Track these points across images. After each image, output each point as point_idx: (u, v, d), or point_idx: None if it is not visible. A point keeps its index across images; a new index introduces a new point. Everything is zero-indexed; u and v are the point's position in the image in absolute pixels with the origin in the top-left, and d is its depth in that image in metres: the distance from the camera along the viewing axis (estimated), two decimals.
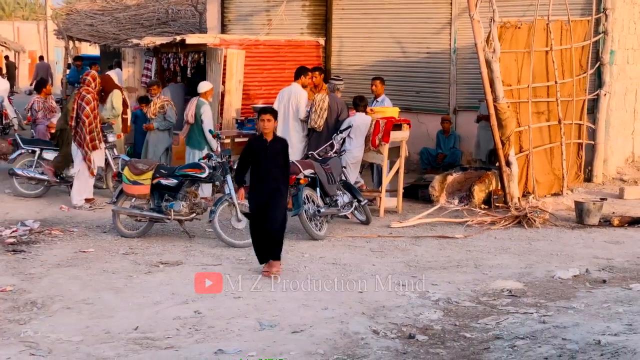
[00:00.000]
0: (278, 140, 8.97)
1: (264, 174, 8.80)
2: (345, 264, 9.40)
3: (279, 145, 8.89)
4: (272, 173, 8.80)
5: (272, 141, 8.85)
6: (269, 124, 8.76)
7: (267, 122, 8.75)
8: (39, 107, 15.43)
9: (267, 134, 8.82)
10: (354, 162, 12.12)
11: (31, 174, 13.11)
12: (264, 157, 8.80)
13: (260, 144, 8.89)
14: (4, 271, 8.92)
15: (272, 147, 8.80)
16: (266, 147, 8.81)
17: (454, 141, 15.30)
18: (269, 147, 8.80)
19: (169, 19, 24.02)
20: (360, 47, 16.40)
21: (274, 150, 8.80)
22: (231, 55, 14.36)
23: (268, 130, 8.79)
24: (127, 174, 10.54)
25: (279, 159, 8.84)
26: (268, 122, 8.76)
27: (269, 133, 8.82)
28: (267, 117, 8.78)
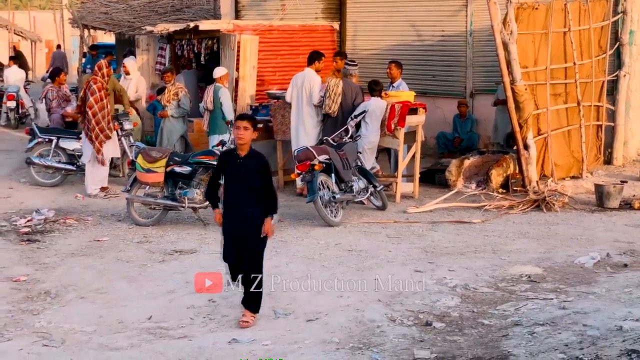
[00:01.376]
0: (254, 156, 7.08)
1: (235, 199, 7.07)
2: (361, 251, 9.29)
3: (255, 162, 7.03)
4: (245, 198, 7.02)
5: (247, 157, 7.01)
6: (246, 133, 6.96)
7: (244, 130, 6.95)
8: (53, 96, 15.41)
9: (242, 147, 7.02)
10: (369, 147, 11.98)
11: (48, 162, 13.09)
12: (235, 177, 7.07)
13: (231, 159, 7.12)
14: (19, 261, 8.89)
15: (245, 165, 7.00)
16: (238, 164, 7.03)
17: (470, 125, 15.12)
18: (241, 164, 7.01)
19: (184, 5, 23.90)
20: (375, 31, 16.22)
21: (248, 169, 7.00)
22: (245, 41, 14.24)
23: (243, 141, 6.97)
24: (141, 162, 10.47)
25: (254, 179, 7.02)
26: (245, 131, 6.95)
27: (243, 145, 7.01)
28: (244, 125, 6.97)
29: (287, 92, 12.68)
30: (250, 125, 7.01)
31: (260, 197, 7.05)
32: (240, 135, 6.97)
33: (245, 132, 6.96)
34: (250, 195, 7.03)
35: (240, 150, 7.05)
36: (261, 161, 7.12)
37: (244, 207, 7.04)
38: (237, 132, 6.99)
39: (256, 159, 7.09)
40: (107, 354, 6.36)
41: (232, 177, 7.09)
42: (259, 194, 7.05)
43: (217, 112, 12.53)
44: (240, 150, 7.04)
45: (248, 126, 6.99)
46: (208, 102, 12.62)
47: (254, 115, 7.32)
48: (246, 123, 7.00)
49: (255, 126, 7.17)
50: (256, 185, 7.03)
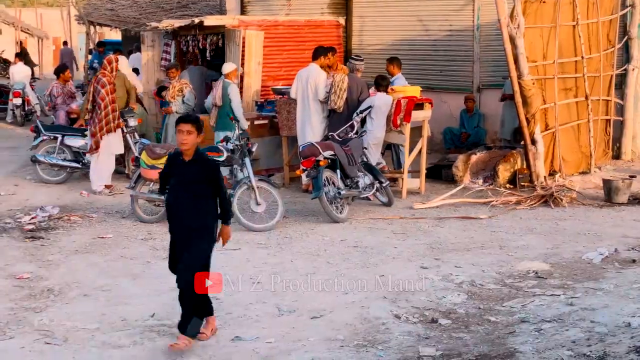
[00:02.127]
0: (200, 161, 6.46)
1: (176, 207, 6.47)
2: (367, 247, 9.22)
3: (201, 168, 6.41)
4: (188, 206, 6.39)
5: (192, 163, 6.38)
6: (189, 137, 6.30)
7: (187, 134, 6.29)
8: (58, 93, 15.37)
9: (186, 152, 6.39)
10: (375, 142, 11.89)
11: (53, 160, 13.05)
12: (178, 185, 6.46)
13: (176, 164, 6.52)
14: (22, 258, 8.84)
15: (190, 171, 6.39)
16: (182, 171, 6.43)
17: (477, 120, 15.04)
18: (185, 170, 6.40)
19: (189, 2, 23.84)
20: (382, 26, 16.13)
21: (193, 176, 6.38)
22: (250, 37, 14.15)
23: (187, 146, 6.33)
24: (145, 159, 10.41)
25: (199, 187, 6.39)
26: (188, 135, 6.29)
27: (188, 150, 6.37)
28: (188, 128, 6.30)
29: (291, 88, 12.59)
30: (194, 129, 6.32)
31: (206, 207, 6.43)
32: (183, 141, 6.31)
33: (188, 136, 6.30)
34: (194, 206, 6.39)
35: (184, 155, 6.40)
36: (208, 166, 6.48)
37: (186, 219, 6.40)
38: (180, 136, 6.32)
39: (202, 165, 6.44)
40: (110, 352, 6.31)
41: (175, 184, 6.49)
42: (206, 204, 6.43)
43: (225, 108, 12.37)
44: (185, 155, 6.40)
45: (192, 130, 6.31)
46: (217, 97, 12.44)
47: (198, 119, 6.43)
48: (190, 126, 6.32)
49: (201, 129, 6.41)
50: (202, 194, 6.40)
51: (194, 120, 6.41)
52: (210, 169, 6.48)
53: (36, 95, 21.20)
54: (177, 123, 6.41)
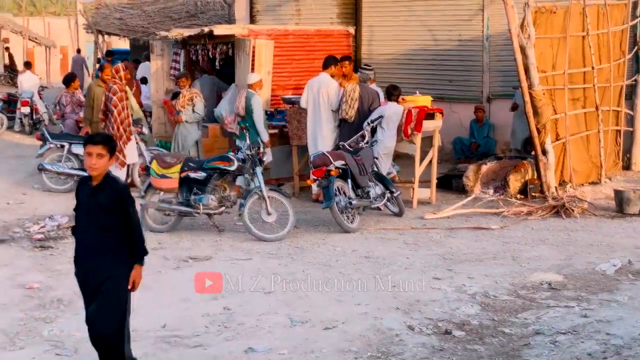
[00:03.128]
0: (109, 185, 5.44)
1: (84, 244, 5.52)
2: (379, 257, 9.16)
3: (109, 194, 5.41)
4: (96, 243, 5.45)
5: (99, 188, 5.41)
6: (100, 161, 5.35)
7: (97, 158, 5.35)
8: (67, 102, 15.39)
9: (94, 176, 5.42)
10: (385, 152, 11.83)
11: (60, 168, 13.01)
12: (85, 215, 5.51)
13: (83, 190, 5.54)
14: (32, 268, 8.80)
15: (97, 199, 5.41)
16: (89, 198, 5.46)
17: (487, 130, 14.99)
18: (92, 197, 5.43)
19: (198, 11, 23.92)
20: (391, 35, 16.11)
21: (100, 203, 5.40)
22: (260, 46, 14.12)
23: (97, 171, 5.37)
24: (155, 168, 10.38)
25: (107, 217, 5.41)
26: (98, 159, 5.35)
27: (97, 175, 5.40)
28: (98, 151, 5.35)
29: (302, 98, 12.55)
30: (106, 151, 5.36)
31: (117, 241, 5.46)
32: (93, 166, 5.35)
33: (99, 160, 5.34)
34: (102, 240, 5.44)
35: (93, 180, 5.45)
36: (116, 191, 5.44)
37: (93, 256, 5.46)
38: (89, 160, 5.35)
39: (110, 189, 5.43)
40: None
41: (82, 214, 5.54)
42: (116, 237, 5.46)
43: (248, 118, 12.32)
44: (93, 180, 5.45)
45: (103, 152, 5.35)
46: (240, 107, 12.36)
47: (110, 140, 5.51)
48: (101, 148, 5.34)
49: (113, 150, 5.47)
50: (110, 226, 5.43)
51: (105, 141, 5.42)
52: (120, 192, 5.44)
53: (44, 104, 21.21)
54: (85, 144, 5.41)
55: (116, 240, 5.47)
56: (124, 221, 5.44)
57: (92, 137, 5.49)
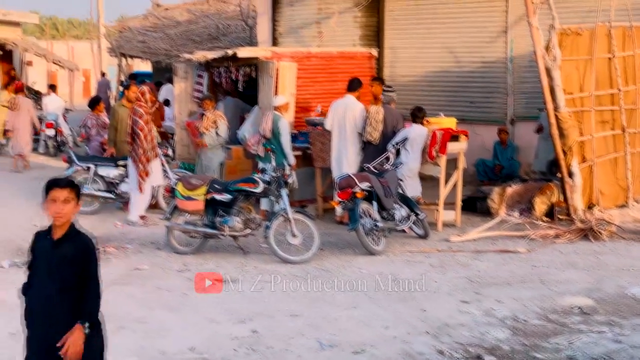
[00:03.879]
0: (75, 239, 4.65)
1: (41, 305, 4.64)
2: (405, 280, 9.07)
3: (77, 247, 4.62)
4: (56, 305, 4.60)
5: (63, 241, 4.62)
6: (66, 208, 4.58)
7: (64, 204, 4.58)
8: (92, 125, 15.44)
9: (58, 226, 4.61)
10: (410, 174, 11.79)
11: (86, 190, 13.04)
12: (43, 271, 4.65)
13: (42, 243, 4.70)
14: None
15: (59, 254, 4.59)
16: (49, 252, 4.63)
17: (511, 152, 14.91)
18: (54, 251, 4.61)
19: (220, 34, 24.05)
20: (414, 57, 16.10)
21: (62, 259, 4.58)
22: (283, 68, 14.16)
23: (63, 219, 4.57)
24: (181, 190, 10.38)
25: (70, 275, 4.58)
26: (64, 205, 4.58)
27: (62, 224, 4.60)
28: (64, 196, 4.59)
29: (326, 120, 12.55)
30: (73, 196, 4.62)
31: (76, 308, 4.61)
32: (58, 213, 4.56)
33: (65, 206, 4.57)
34: (64, 301, 4.59)
35: (54, 231, 4.62)
36: (84, 244, 4.65)
37: (53, 319, 4.59)
38: (54, 207, 4.55)
39: (76, 242, 4.64)
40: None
41: (40, 271, 4.67)
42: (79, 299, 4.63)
43: (274, 140, 12.31)
44: (55, 232, 4.62)
45: (70, 197, 4.60)
46: (266, 130, 12.37)
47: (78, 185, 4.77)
48: (67, 193, 4.60)
49: (80, 195, 4.71)
50: (74, 285, 4.60)
51: (71, 185, 4.66)
52: (87, 248, 4.65)
53: (68, 126, 21.36)
54: (49, 188, 4.59)
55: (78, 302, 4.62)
56: (84, 278, 4.60)
57: (57, 181, 4.65)
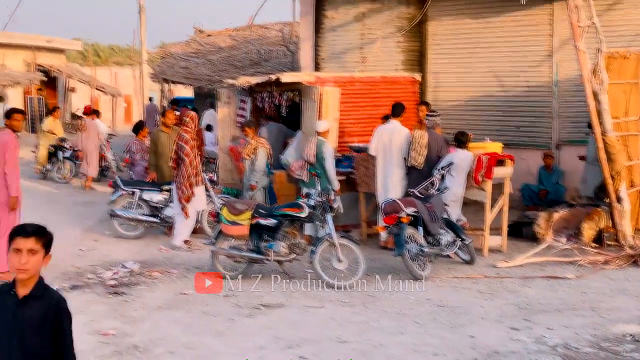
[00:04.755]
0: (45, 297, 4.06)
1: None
2: (453, 306, 8.99)
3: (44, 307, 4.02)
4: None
5: (30, 297, 4.01)
6: (32, 260, 3.97)
7: (29, 255, 3.96)
8: (136, 149, 15.60)
9: (24, 282, 3.99)
10: (454, 199, 11.71)
11: (131, 215, 13.17)
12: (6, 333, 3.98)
13: (5, 301, 4.03)
14: (107, 314, 8.83)
15: (27, 312, 3.99)
16: (12, 311, 3.99)
17: (556, 177, 14.75)
18: (17, 311, 3.99)
19: (261, 59, 24.20)
20: (457, 81, 16.04)
21: (31, 318, 3.98)
22: (326, 93, 14.19)
23: (28, 273, 3.97)
24: (226, 214, 10.40)
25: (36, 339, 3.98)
26: (30, 257, 3.96)
27: (27, 281, 3.99)
28: (30, 246, 3.97)
29: (370, 145, 12.52)
30: (40, 246, 4.00)
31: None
32: (23, 265, 3.94)
33: (31, 258, 3.96)
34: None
35: (19, 287, 4.00)
36: (53, 304, 4.05)
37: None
38: (17, 258, 3.94)
39: (44, 301, 4.03)
40: None
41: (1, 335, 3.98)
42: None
43: (318, 165, 12.31)
44: (20, 288, 4.00)
45: (37, 248, 3.98)
46: (311, 155, 12.38)
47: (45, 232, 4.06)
48: (33, 242, 3.98)
49: (50, 244, 4.06)
50: (40, 351, 3.99)
51: (38, 232, 4.01)
52: (58, 308, 4.04)
53: (112, 151, 21.54)
54: (12, 236, 3.99)
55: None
56: (55, 343, 4.01)
57: (22, 228, 4.00)
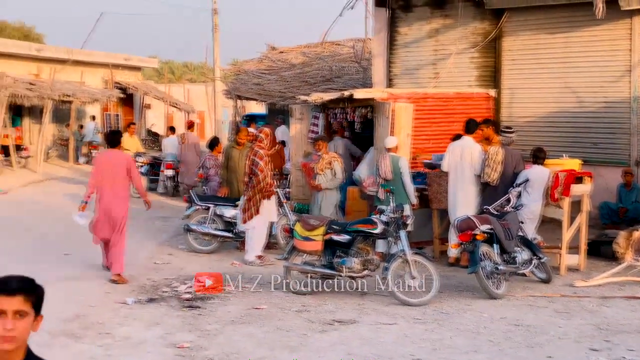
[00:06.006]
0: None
1: None
2: (529, 326, 8.81)
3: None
4: None
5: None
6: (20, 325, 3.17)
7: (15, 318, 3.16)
8: (211, 165, 15.80)
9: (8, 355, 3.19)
10: (531, 217, 11.53)
11: (205, 229, 13.33)
12: None
13: None
14: (181, 327, 8.91)
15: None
16: None
17: (636, 194, 14.38)
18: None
19: (333, 75, 24.26)
20: (533, 97, 15.81)
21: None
22: (399, 109, 14.15)
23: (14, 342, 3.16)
24: (299, 230, 10.44)
25: None
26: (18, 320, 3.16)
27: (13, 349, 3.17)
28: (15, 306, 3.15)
29: (443, 161, 12.43)
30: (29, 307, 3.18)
31: None
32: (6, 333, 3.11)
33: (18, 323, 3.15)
34: None
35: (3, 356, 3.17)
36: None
37: None
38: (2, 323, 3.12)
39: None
40: None
41: None
42: None
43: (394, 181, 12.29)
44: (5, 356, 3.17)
45: (25, 309, 3.16)
46: (387, 171, 12.40)
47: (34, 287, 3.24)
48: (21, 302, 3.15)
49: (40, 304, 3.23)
50: None
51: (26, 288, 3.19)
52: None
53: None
54: None
55: None
56: None
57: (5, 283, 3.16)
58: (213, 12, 37.19)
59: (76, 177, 25.43)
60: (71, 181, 24.63)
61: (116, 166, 11.13)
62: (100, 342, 8.14)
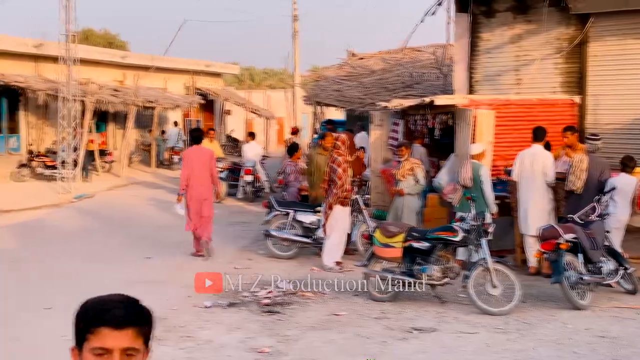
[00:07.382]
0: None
1: None
2: (615, 338, 8.58)
3: None
4: None
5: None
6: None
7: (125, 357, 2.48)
8: (291, 171, 15.89)
9: None
10: (618, 226, 11.23)
11: (285, 235, 13.40)
12: None
13: None
14: (261, 332, 8.97)
15: None
16: None
17: None
18: None
19: (413, 82, 24.13)
20: (619, 104, 15.38)
21: None
22: (481, 116, 13.98)
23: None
24: (379, 237, 10.40)
25: None
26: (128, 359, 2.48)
27: None
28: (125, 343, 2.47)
29: (513, 169, 12.27)
30: (139, 342, 2.56)
31: None
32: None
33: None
34: None
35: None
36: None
37: None
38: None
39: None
40: None
41: None
42: None
43: (474, 189, 12.15)
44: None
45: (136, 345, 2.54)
46: (467, 178, 12.25)
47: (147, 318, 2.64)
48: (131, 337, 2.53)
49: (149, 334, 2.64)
50: None
51: (138, 321, 2.60)
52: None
53: (265, 172, 22.06)
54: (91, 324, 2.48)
55: None
56: None
57: (111, 314, 2.51)
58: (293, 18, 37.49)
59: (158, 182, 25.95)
60: (153, 186, 25.13)
61: (202, 157, 13.21)
62: (182, 345, 8.26)
